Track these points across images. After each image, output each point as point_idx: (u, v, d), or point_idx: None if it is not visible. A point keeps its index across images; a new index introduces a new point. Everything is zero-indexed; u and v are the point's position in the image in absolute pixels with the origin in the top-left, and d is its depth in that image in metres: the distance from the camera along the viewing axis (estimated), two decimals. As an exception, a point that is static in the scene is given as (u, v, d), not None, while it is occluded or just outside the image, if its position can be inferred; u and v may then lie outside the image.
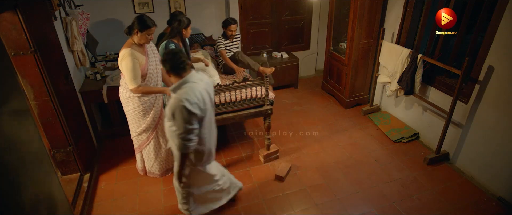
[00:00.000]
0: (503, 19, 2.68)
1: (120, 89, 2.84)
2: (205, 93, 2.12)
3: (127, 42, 2.66)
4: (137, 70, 2.60)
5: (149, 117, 2.89)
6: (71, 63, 3.36)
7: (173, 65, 2.04)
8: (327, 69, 4.98)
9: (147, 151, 3.10)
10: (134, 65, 2.57)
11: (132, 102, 2.80)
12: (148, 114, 2.89)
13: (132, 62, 2.56)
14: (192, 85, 2.05)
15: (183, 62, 2.06)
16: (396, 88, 3.78)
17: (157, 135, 3.04)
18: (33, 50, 2.52)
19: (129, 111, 2.88)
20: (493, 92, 2.89)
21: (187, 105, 1.95)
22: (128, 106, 2.85)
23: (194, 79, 2.09)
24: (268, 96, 3.17)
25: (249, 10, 4.90)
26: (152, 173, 3.26)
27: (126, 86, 2.74)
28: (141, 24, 2.55)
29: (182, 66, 2.06)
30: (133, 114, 2.87)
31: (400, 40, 3.85)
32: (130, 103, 2.82)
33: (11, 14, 2.36)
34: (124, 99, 2.84)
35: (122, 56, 2.58)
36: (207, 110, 2.14)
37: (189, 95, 1.99)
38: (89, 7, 3.98)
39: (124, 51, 2.58)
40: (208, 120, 2.21)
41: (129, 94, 2.76)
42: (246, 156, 3.64)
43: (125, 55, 2.56)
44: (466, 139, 3.24)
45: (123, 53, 2.58)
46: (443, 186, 3.14)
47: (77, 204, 2.87)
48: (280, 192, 3.11)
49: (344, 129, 4.14)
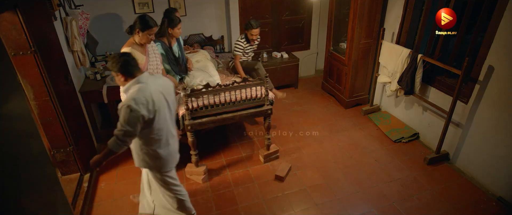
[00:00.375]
0: (503, 19, 2.68)
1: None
2: (157, 95, 2.11)
3: (128, 41, 2.68)
4: None
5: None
6: (71, 63, 3.36)
7: (123, 66, 2.03)
8: (327, 69, 4.98)
9: None
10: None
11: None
12: None
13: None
14: (142, 86, 2.05)
15: (132, 64, 2.05)
16: (396, 88, 3.78)
17: None
18: (33, 50, 2.52)
19: None
20: (493, 92, 2.89)
21: (132, 105, 1.95)
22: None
23: (145, 80, 2.09)
24: (268, 96, 3.17)
25: (249, 10, 4.90)
26: None
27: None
28: (143, 24, 2.56)
29: (131, 68, 2.04)
30: None
31: (400, 40, 3.85)
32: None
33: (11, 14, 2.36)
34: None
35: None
36: (159, 111, 2.12)
37: (137, 95, 1.99)
38: (89, 7, 3.98)
39: (125, 49, 2.60)
40: (163, 121, 2.19)
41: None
42: (246, 156, 3.64)
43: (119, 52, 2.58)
44: (466, 139, 3.24)
45: (122, 50, 2.59)
46: (443, 186, 3.14)
47: (77, 204, 2.87)
48: (280, 192, 3.11)
49: (344, 129, 4.14)
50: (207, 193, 3.11)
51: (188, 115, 2.92)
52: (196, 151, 3.15)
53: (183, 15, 4.64)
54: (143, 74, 2.10)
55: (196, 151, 3.16)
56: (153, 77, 2.19)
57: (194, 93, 2.86)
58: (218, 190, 3.14)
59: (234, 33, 4.94)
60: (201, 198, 3.05)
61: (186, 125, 2.95)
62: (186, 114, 2.91)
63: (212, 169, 3.42)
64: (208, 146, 3.83)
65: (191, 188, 3.17)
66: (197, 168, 3.22)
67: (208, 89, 2.89)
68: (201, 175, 3.22)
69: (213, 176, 3.32)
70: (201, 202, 3.00)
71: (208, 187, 3.19)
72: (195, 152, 3.15)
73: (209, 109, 3.02)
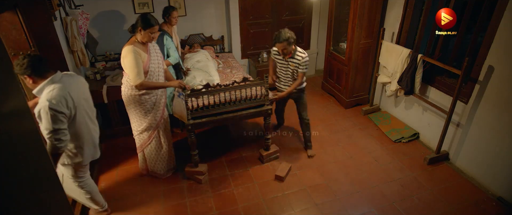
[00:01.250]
0: (503, 19, 2.68)
1: (123, 88, 2.85)
2: (74, 91, 2.16)
3: (130, 40, 2.68)
4: (140, 66, 2.62)
5: (150, 116, 2.91)
6: (71, 63, 3.36)
7: (34, 69, 2.03)
8: (327, 69, 4.98)
9: (149, 150, 3.10)
10: (137, 61, 2.59)
11: (134, 101, 2.81)
12: (150, 113, 2.90)
13: (135, 58, 2.58)
14: (58, 86, 2.07)
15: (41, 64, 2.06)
16: (396, 88, 3.78)
17: (159, 134, 3.05)
18: (33, 50, 2.52)
19: (131, 110, 2.90)
20: (493, 92, 2.89)
21: (51, 105, 1.99)
22: (130, 105, 2.87)
23: (59, 79, 2.11)
24: (268, 96, 3.17)
25: (249, 10, 4.90)
26: (154, 172, 3.27)
27: (128, 84, 2.76)
28: (145, 22, 2.57)
29: (41, 68, 2.06)
30: (134, 113, 2.90)
31: (400, 40, 3.85)
32: (132, 102, 2.84)
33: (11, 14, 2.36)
34: (126, 98, 2.85)
35: (125, 53, 2.60)
36: (77, 107, 2.18)
37: (53, 95, 2.02)
38: (89, 7, 3.98)
39: (127, 48, 2.60)
40: (82, 116, 2.25)
41: (132, 92, 2.77)
42: (246, 156, 3.64)
43: (128, 51, 2.58)
44: (466, 139, 3.24)
45: (126, 50, 2.60)
46: (443, 186, 3.14)
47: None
48: (280, 192, 3.11)
49: (344, 129, 4.14)
50: (207, 193, 3.11)
51: (188, 115, 2.92)
52: (196, 151, 3.15)
53: (183, 15, 4.65)
54: (56, 74, 2.13)
55: (196, 151, 3.16)
56: (68, 76, 2.23)
57: (194, 93, 2.86)
58: (218, 190, 3.14)
59: (234, 33, 4.95)
60: (201, 198, 3.05)
61: (186, 125, 2.94)
62: (186, 113, 2.91)
63: (212, 169, 3.42)
64: (208, 146, 3.83)
65: (191, 188, 3.17)
66: (197, 168, 3.22)
67: (208, 89, 2.89)
68: (201, 175, 3.22)
69: (213, 176, 3.32)
70: (201, 202, 3.00)
71: (208, 187, 3.19)
72: (195, 152, 3.15)
73: (209, 108, 3.02)
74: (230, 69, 4.27)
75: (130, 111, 2.92)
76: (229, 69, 4.27)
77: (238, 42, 5.05)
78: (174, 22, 3.65)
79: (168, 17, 3.60)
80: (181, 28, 4.73)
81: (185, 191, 3.13)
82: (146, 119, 2.91)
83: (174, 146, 3.35)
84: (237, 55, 5.08)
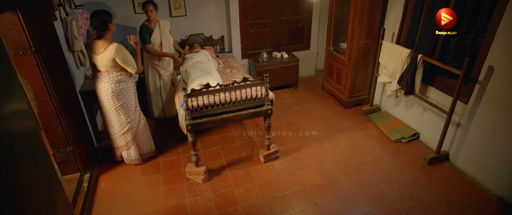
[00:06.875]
0: (503, 19, 2.68)
1: (108, 86, 2.97)
2: None
3: (107, 39, 2.90)
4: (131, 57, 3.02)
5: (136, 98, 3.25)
6: (71, 63, 3.36)
7: None
8: (327, 69, 4.98)
9: (142, 128, 3.35)
10: (128, 53, 2.97)
11: (127, 88, 3.08)
12: (135, 93, 3.23)
13: (126, 51, 2.93)
14: None
15: None
16: (396, 88, 3.78)
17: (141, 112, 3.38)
18: (33, 50, 2.52)
19: (125, 100, 3.09)
20: (493, 92, 2.89)
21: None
22: (122, 96, 3.05)
23: None
24: (268, 96, 3.17)
25: (249, 10, 4.90)
26: (150, 152, 3.53)
27: (118, 77, 2.97)
28: (108, 16, 2.92)
29: None
30: (129, 100, 3.12)
31: (400, 40, 3.85)
32: (125, 91, 3.06)
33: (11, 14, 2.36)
34: (117, 91, 3.00)
35: (116, 51, 2.83)
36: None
37: None
38: (89, 7, 3.98)
39: (114, 45, 2.83)
40: None
41: (125, 81, 3.03)
42: (246, 156, 3.64)
43: (119, 48, 2.85)
44: (466, 139, 3.24)
45: (115, 48, 2.83)
46: (443, 186, 3.15)
47: (77, 204, 2.87)
48: (280, 192, 3.11)
49: (344, 129, 4.14)
50: (207, 193, 3.11)
51: (188, 115, 2.92)
52: (196, 151, 3.15)
53: (183, 15, 4.65)
54: None
55: (196, 151, 3.16)
56: None
57: (194, 93, 2.87)
58: (218, 190, 3.15)
59: (234, 33, 4.95)
60: (201, 198, 3.05)
61: (186, 125, 2.95)
62: (186, 114, 2.91)
63: (212, 169, 3.42)
64: (208, 146, 3.83)
65: (191, 188, 3.17)
66: (197, 168, 3.22)
67: (208, 89, 2.89)
68: (201, 175, 3.22)
69: (213, 176, 3.33)
70: (201, 202, 3.00)
71: (208, 187, 3.19)
72: (195, 152, 3.15)
73: (209, 108, 3.02)
74: (230, 69, 4.28)
75: (123, 102, 3.08)
76: (229, 69, 4.28)
77: (238, 42, 5.05)
78: (149, 16, 3.75)
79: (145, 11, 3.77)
80: (181, 28, 4.73)
81: (185, 191, 3.13)
82: (136, 99, 3.22)
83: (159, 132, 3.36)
84: (237, 55, 5.08)
